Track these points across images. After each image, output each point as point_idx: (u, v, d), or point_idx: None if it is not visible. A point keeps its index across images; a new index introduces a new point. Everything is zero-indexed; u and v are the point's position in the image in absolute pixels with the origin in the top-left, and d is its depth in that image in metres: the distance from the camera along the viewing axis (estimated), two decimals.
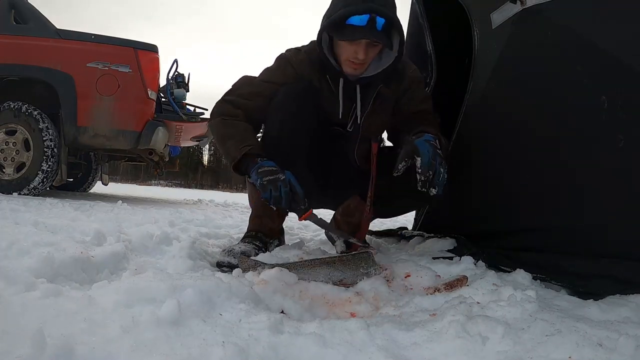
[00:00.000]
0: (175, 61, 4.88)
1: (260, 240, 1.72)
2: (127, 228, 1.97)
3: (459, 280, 1.24)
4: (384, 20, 1.44)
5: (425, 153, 1.36)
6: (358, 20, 1.43)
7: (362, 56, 1.49)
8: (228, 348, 0.73)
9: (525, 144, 1.57)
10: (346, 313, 1.13)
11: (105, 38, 4.12)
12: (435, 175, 1.35)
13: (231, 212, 4.28)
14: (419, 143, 1.38)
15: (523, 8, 1.53)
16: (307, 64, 1.65)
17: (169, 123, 4.29)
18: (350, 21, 1.44)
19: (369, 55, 1.52)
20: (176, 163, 5.50)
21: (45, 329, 0.71)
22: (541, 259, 1.45)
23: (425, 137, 1.41)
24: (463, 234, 1.80)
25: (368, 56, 1.52)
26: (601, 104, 1.28)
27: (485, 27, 1.77)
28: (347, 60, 1.54)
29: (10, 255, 1.22)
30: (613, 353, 0.78)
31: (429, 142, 1.39)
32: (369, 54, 1.51)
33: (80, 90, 3.92)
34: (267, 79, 1.68)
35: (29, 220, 1.96)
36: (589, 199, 1.35)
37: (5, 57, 3.93)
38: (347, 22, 1.45)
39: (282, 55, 1.72)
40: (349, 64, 1.54)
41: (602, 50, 1.29)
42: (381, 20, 1.44)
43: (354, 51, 1.50)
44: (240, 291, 1.01)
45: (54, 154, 3.89)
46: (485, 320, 0.90)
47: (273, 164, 1.47)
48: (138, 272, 1.14)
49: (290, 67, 1.67)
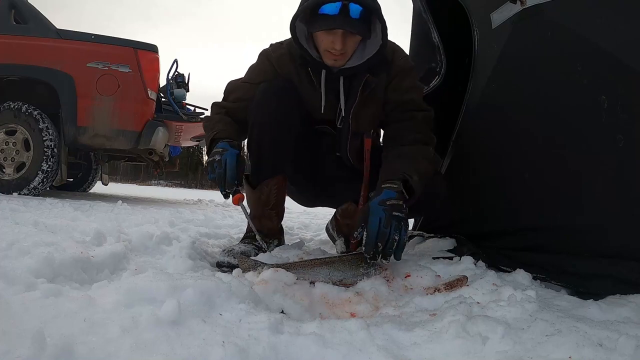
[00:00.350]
0: (175, 61, 4.89)
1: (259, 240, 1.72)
2: (127, 228, 1.97)
3: (459, 280, 1.24)
4: (361, 8, 1.38)
5: (373, 225, 1.27)
6: (330, 8, 1.37)
7: (339, 46, 1.43)
8: (228, 348, 0.73)
9: (525, 143, 1.57)
10: (346, 313, 1.13)
11: (105, 38, 4.12)
12: (387, 245, 1.26)
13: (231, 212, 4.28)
14: (372, 209, 1.30)
15: (523, 8, 1.53)
16: (287, 58, 1.61)
17: (169, 123, 4.29)
18: (322, 10, 1.38)
19: (348, 45, 1.45)
20: (176, 163, 5.51)
21: (45, 329, 0.71)
22: (541, 259, 1.45)
23: (383, 196, 1.32)
24: (463, 234, 1.80)
25: (347, 46, 1.45)
26: (601, 104, 1.28)
27: (485, 27, 1.78)
28: (325, 51, 1.47)
29: (10, 255, 1.22)
30: (613, 353, 0.78)
31: (383, 205, 1.30)
32: (347, 44, 1.44)
33: (80, 90, 3.92)
34: (247, 80, 1.69)
35: (29, 220, 1.96)
36: (589, 199, 1.35)
37: (5, 57, 3.93)
38: (320, 11, 1.39)
39: (263, 51, 1.70)
40: (328, 55, 1.48)
41: (602, 50, 1.29)
42: (356, 7, 1.37)
43: (331, 41, 1.43)
44: (240, 291, 1.01)
45: (54, 154, 3.89)
46: (485, 320, 0.90)
47: (225, 144, 1.51)
48: (138, 272, 1.13)
49: (268, 63, 1.65)
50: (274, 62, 1.64)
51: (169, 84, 4.73)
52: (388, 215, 1.28)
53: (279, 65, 1.63)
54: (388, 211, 1.28)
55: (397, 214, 1.29)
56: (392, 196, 1.33)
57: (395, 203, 1.31)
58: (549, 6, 1.45)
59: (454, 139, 1.97)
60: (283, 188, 1.73)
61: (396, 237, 1.27)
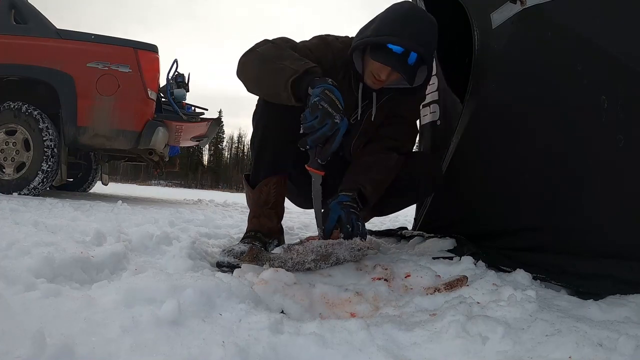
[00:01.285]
0: (175, 61, 4.88)
1: (259, 240, 1.72)
2: (127, 228, 1.97)
3: (459, 280, 1.24)
4: (417, 56, 1.51)
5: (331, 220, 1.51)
6: (395, 48, 1.50)
7: (383, 78, 1.57)
8: (228, 348, 0.73)
9: (524, 143, 1.57)
10: (346, 313, 1.13)
11: (105, 38, 4.12)
12: (354, 228, 1.48)
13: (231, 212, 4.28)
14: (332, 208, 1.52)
15: (523, 8, 1.53)
16: (343, 57, 1.67)
17: (169, 123, 4.29)
18: (390, 45, 1.51)
19: (391, 78, 1.59)
20: (176, 163, 5.50)
21: (45, 329, 0.71)
22: (541, 259, 1.45)
23: (340, 199, 1.55)
24: (463, 234, 1.80)
25: (390, 79, 1.59)
26: (601, 104, 1.28)
27: (485, 27, 1.78)
28: (370, 73, 1.59)
29: (10, 255, 1.22)
30: (613, 353, 0.78)
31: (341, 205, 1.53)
32: (390, 77, 1.58)
33: (80, 90, 3.91)
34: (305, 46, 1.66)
35: (29, 220, 1.96)
36: (589, 198, 1.35)
37: (5, 57, 3.93)
38: (388, 45, 1.51)
39: (324, 37, 1.75)
40: (371, 78, 1.60)
41: (602, 50, 1.29)
42: (414, 56, 1.51)
43: (379, 70, 1.56)
44: (240, 291, 1.01)
45: (54, 154, 3.89)
46: (485, 320, 0.90)
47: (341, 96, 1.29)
48: (138, 272, 1.13)
49: (329, 51, 1.68)
50: (334, 52, 1.68)
51: (169, 84, 4.73)
52: (347, 212, 1.50)
53: (337, 57, 1.67)
54: (346, 209, 1.51)
55: (353, 210, 1.52)
56: (348, 200, 1.56)
57: (351, 204, 1.54)
58: (549, 6, 1.45)
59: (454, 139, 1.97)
60: (283, 188, 1.73)
61: (361, 223, 1.50)
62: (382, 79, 1.58)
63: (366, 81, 1.63)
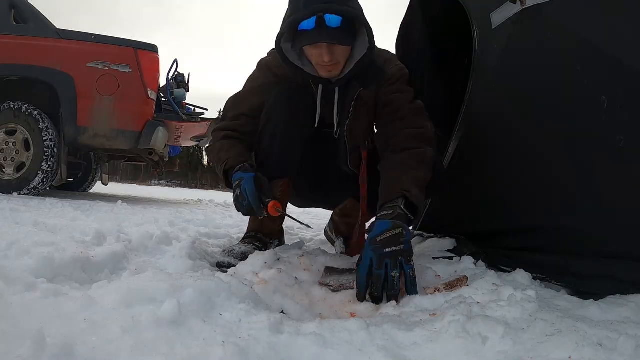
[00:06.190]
0: (175, 61, 4.89)
1: (260, 240, 1.72)
2: (127, 228, 1.97)
3: (459, 280, 1.24)
4: (339, 17, 1.35)
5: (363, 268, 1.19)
6: (306, 24, 1.36)
7: (327, 58, 1.41)
8: (228, 348, 0.73)
9: (524, 144, 1.57)
10: (346, 313, 1.13)
11: (105, 38, 4.12)
12: (388, 287, 1.16)
13: (231, 212, 4.27)
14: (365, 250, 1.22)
15: (523, 8, 1.53)
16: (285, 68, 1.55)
17: (169, 123, 4.29)
18: (301, 27, 1.37)
19: (337, 54, 1.43)
20: (176, 163, 5.51)
21: (45, 329, 0.71)
22: (541, 259, 1.45)
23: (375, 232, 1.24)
24: (463, 234, 1.80)
25: (336, 56, 1.43)
26: (601, 104, 1.28)
27: (485, 27, 1.77)
28: (317, 64, 1.47)
29: (10, 255, 1.22)
30: (613, 353, 0.78)
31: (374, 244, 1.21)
32: (336, 54, 1.42)
33: (80, 90, 3.92)
34: (248, 89, 1.67)
35: (29, 220, 1.96)
36: (589, 198, 1.35)
37: (5, 57, 3.94)
38: (299, 27, 1.38)
39: (262, 61, 1.68)
40: (321, 68, 1.47)
41: (602, 50, 1.29)
42: (333, 17, 1.35)
43: (319, 55, 1.42)
44: (240, 291, 1.01)
45: (54, 154, 3.89)
46: (485, 320, 0.90)
47: (239, 174, 1.46)
48: (138, 272, 1.13)
49: (270, 74, 1.63)
50: (276, 70, 1.62)
51: (169, 84, 4.73)
52: (378, 255, 1.19)
53: (282, 73, 1.61)
54: (378, 250, 1.19)
55: (391, 249, 1.19)
56: (385, 228, 1.24)
57: (389, 236, 1.22)
58: (549, 6, 1.45)
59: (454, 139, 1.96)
60: (288, 191, 1.73)
61: (395, 274, 1.17)
62: (327, 59, 1.41)
63: (322, 75, 1.49)
